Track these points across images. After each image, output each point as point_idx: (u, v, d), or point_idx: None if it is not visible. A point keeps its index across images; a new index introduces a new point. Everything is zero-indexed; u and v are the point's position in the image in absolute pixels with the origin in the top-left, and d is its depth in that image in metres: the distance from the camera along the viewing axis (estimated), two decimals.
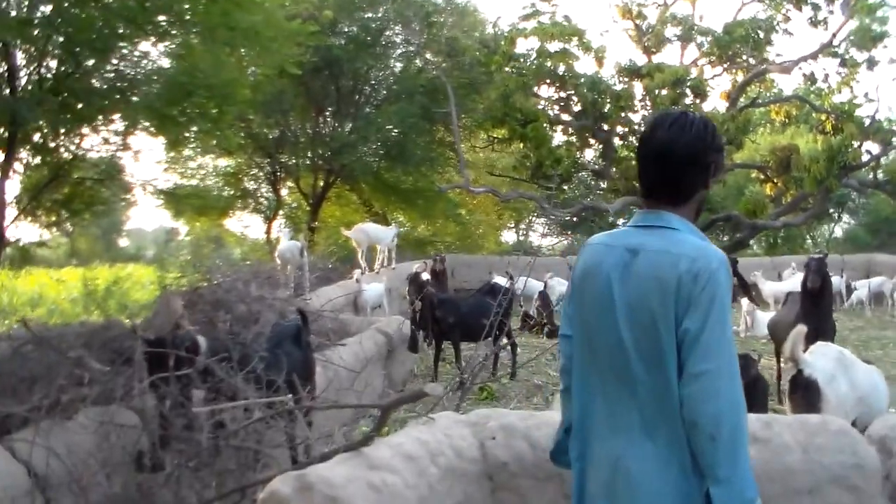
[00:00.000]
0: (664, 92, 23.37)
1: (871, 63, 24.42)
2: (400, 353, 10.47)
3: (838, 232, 37.42)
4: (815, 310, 8.25)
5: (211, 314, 7.65)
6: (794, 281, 14.68)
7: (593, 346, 2.35)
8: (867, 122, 24.80)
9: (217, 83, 11.01)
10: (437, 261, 16.54)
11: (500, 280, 16.48)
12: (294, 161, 23.17)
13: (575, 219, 29.95)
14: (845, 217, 36.76)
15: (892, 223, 32.44)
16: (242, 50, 12.47)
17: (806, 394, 5.47)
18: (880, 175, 25.14)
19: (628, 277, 2.26)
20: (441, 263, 16.25)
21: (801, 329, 5.80)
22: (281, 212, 25.68)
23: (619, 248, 2.32)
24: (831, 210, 32.18)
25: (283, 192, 25.62)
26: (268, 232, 25.06)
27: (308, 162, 23.03)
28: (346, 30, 22.29)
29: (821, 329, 7.68)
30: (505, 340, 10.78)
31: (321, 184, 23.50)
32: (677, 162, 2.29)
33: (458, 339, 10.77)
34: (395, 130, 22.27)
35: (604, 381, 2.34)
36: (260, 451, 4.77)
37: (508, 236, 37.89)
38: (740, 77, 25.87)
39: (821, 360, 5.75)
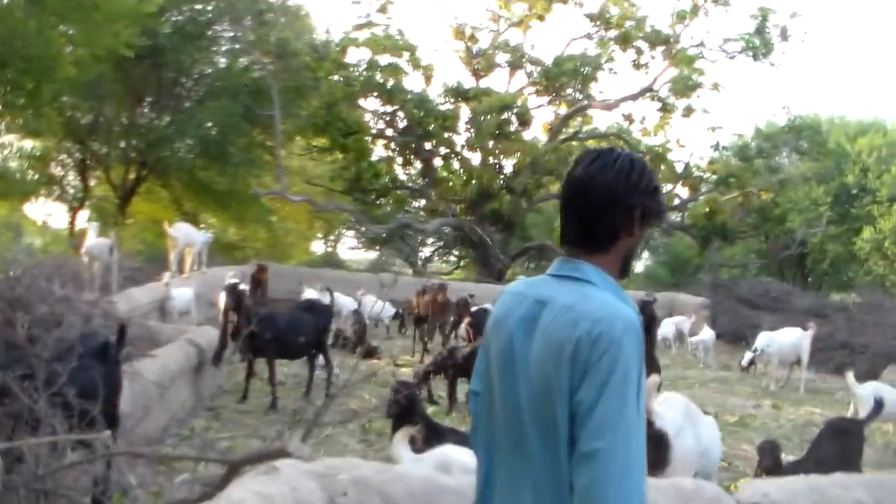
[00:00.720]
0: (489, 117, 26.41)
1: (689, 110, 28.93)
2: (209, 367, 10.57)
3: (639, 268, 42.64)
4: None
5: (8, 314, 7.13)
6: None
7: (495, 406, 2.28)
8: (679, 166, 29.40)
9: (37, 56, 11.39)
10: (259, 269, 17.37)
11: (311, 292, 17.24)
12: (106, 150, 23.88)
13: (384, 234, 32.65)
14: (645, 255, 41.74)
15: (689, 263, 37.66)
16: (70, 24, 12.91)
17: (656, 448, 5.49)
18: (686, 219, 29.82)
19: (532, 334, 2.17)
20: (263, 272, 17.12)
21: (655, 379, 6.03)
22: (88, 202, 26.17)
23: (530, 298, 2.23)
24: None
25: (92, 181, 26.13)
26: (72, 223, 25.58)
27: (121, 152, 23.75)
28: (174, 19, 23.28)
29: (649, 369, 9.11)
30: (323, 360, 11.57)
31: (132, 177, 24.30)
32: (593, 203, 2.20)
33: (273, 355, 10.81)
34: (215, 128, 23.24)
35: (503, 447, 2.26)
36: (71, 498, 4.50)
37: (317, 247, 39.61)
38: (563, 110, 29.74)
39: (670, 411, 6.06)
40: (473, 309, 15.25)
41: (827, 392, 15.87)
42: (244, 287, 13.64)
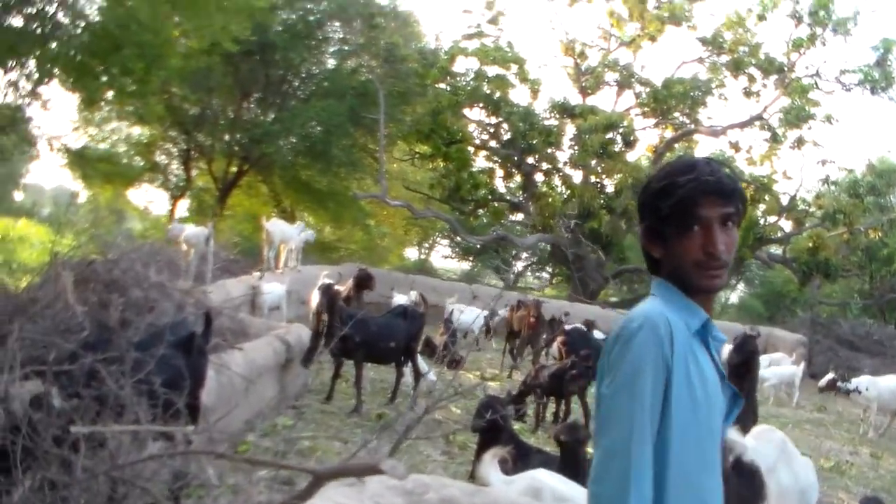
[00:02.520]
0: (594, 135, 25.95)
1: (800, 142, 28.20)
2: (296, 365, 10.54)
3: (733, 299, 41.80)
4: (740, 388, 9.12)
5: (104, 295, 7.30)
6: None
7: None
8: (785, 199, 28.68)
9: (150, 42, 10.84)
10: (366, 276, 15.44)
11: (401, 298, 17.66)
12: (210, 142, 24.40)
13: (479, 246, 32.73)
14: (741, 286, 40.95)
15: (784, 297, 36.68)
16: (182, 13, 13.07)
17: (749, 482, 5.44)
18: (788, 252, 29.06)
19: None
20: (370, 280, 15.57)
21: None
22: (189, 192, 26.77)
23: None
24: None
25: (194, 172, 26.62)
26: (172, 210, 26.06)
27: (224, 145, 24.23)
28: (285, 17, 23.61)
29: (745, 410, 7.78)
30: (411, 367, 11.49)
31: (234, 170, 24.70)
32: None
33: (361, 359, 10.83)
34: (319, 128, 23.41)
35: None
36: (147, 490, 4.44)
37: (411, 253, 39.99)
38: (669, 133, 29.34)
39: (765, 446, 5.89)
40: (568, 328, 14.85)
41: None
42: (338, 287, 13.67)
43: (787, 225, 29.57)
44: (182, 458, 4.72)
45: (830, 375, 16.38)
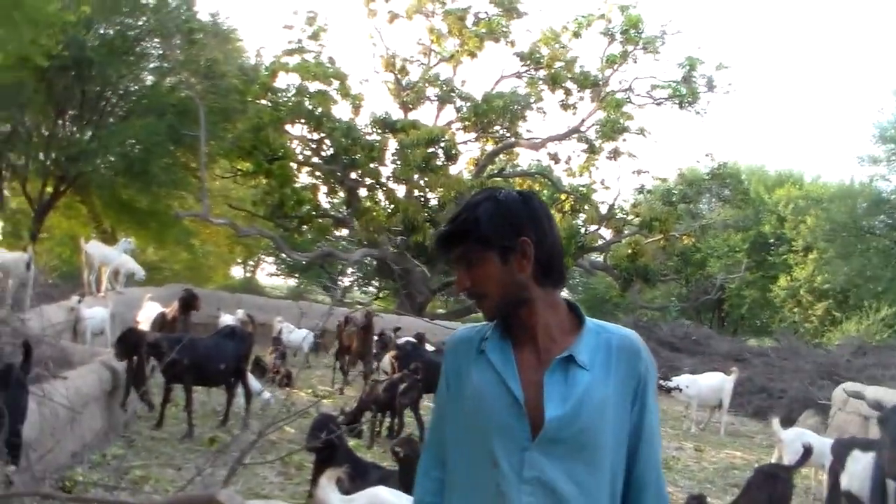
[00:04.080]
0: (417, 149, 26.63)
1: (616, 153, 29.69)
2: (122, 391, 10.29)
3: None
4: None
5: None
6: None
7: None
8: (604, 208, 30.14)
9: None
10: (192, 297, 14.89)
11: (228, 318, 17.65)
12: (24, 161, 23.76)
13: (304, 262, 32.77)
14: (564, 292, 42.60)
15: (606, 303, 38.55)
16: None
17: None
18: (609, 259, 30.54)
19: None
20: (195, 301, 15.01)
21: None
22: (1, 214, 25.60)
23: None
24: None
25: (6, 192, 25.64)
26: None
27: (39, 165, 23.58)
28: (102, 31, 23.29)
29: None
30: (241, 389, 11.56)
31: (50, 190, 23.95)
32: None
33: (191, 382, 10.81)
34: (138, 146, 23.19)
35: None
36: None
37: (236, 271, 39.82)
38: (490, 146, 30.34)
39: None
40: (400, 342, 15.20)
41: (747, 435, 16.45)
42: (164, 311, 14.13)
43: (606, 233, 31.02)
44: (3, 502, 4.48)
45: (663, 383, 17.46)
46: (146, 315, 14.37)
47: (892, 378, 18.74)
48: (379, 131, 28.71)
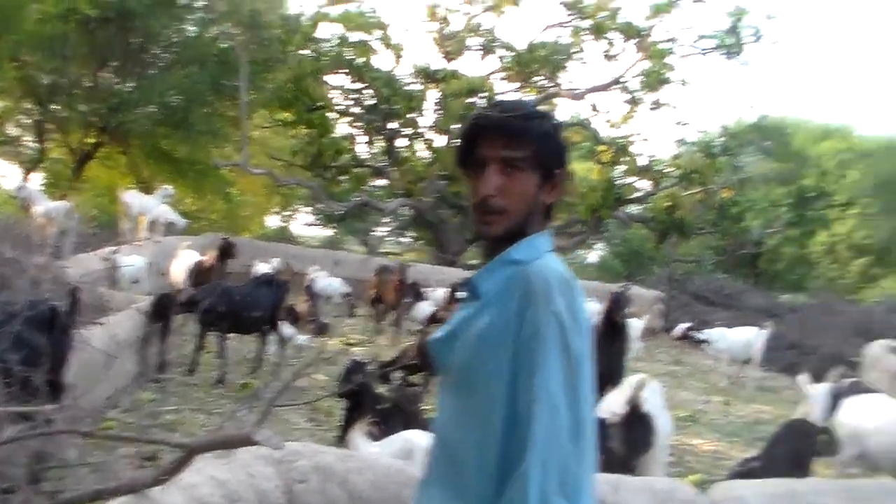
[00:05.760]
0: (457, 100, 26.86)
1: (657, 104, 29.79)
2: (157, 337, 10.64)
3: (593, 258, 43.84)
4: (610, 348, 8.85)
5: None
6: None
7: None
8: (644, 160, 30.29)
9: (0, 4, 11.18)
10: (226, 244, 15.34)
11: (264, 266, 17.92)
12: (67, 113, 23.89)
13: (341, 212, 33.19)
14: (600, 245, 42.86)
15: (641, 255, 38.83)
16: None
17: (645, 427, 6.20)
18: (646, 211, 30.76)
19: None
20: (232, 247, 15.50)
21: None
22: (42, 164, 26.21)
23: None
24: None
25: (48, 144, 26.00)
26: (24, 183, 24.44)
27: (81, 116, 23.71)
28: None
29: (615, 370, 8.47)
30: (275, 336, 11.74)
31: (91, 141, 24.34)
32: None
33: (226, 329, 11.04)
34: (179, 97, 23.38)
35: None
36: (5, 474, 4.31)
37: (272, 221, 40.02)
38: (531, 96, 30.49)
39: (651, 395, 6.51)
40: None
41: (775, 391, 16.71)
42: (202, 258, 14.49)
43: (645, 185, 31.16)
44: (42, 439, 4.54)
45: (684, 325, 17.94)
46: (183, 263, 14.62)
47: None
48: (420, 81, 28.83)
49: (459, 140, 2.24)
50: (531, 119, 2.16)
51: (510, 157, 2.12)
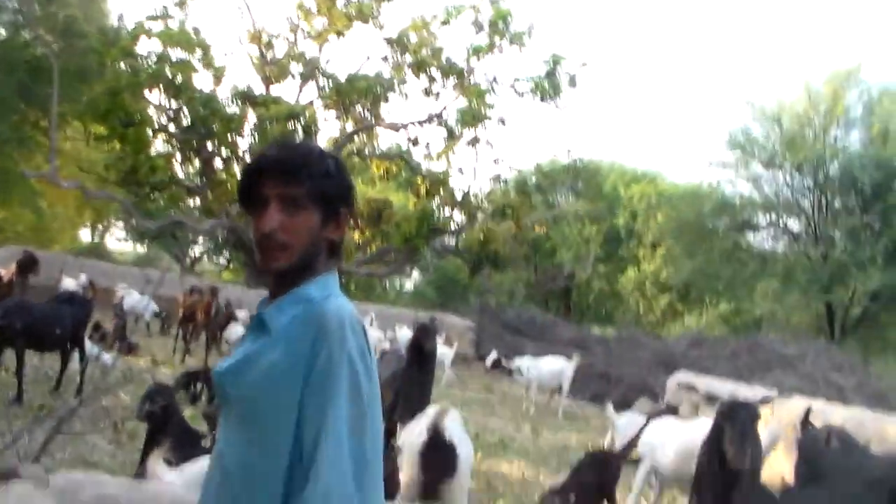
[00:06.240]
0: (275, 124, 26.89)
1: (475, 141, 30.61)
2: None
3: (409, 286, 44.68)
4: (417, 375, 9.12)
5: None
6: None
7: None
8: (459, 193, 31.07)
9: None
10: (27, 258, 14.97)
11: (70, 282, 18.00)
12: None
13: (154, 229, 32.59)
14: (415, 273, 43.66)
15: (455, 285, 39.82)
16: None
17: (446, 454, 6.17)
18: (460, 243, 31.53)
19: None
20: (34, 262, 15.07)
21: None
22: None
23: None
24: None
25: None
26: None
27: None
28: None
29: (421, 397, 8.69)
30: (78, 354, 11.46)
31: None
32: None
33: (22, 346, 10.58)
34: None
35: None
36: None
37: (84, 234, 39.29)
38: (350, 125, 30.99)
39: (452, 422, 6.48)
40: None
41: (583, 419, 17.43)
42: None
43: (460, 218, 31.92)
44: None
45: (494, 355, 18.64)
46: None
47: (722, 369, 20.25)
48: (239, 104, 28.88)
49: (241, 178, 2.28)
50: (310, 157, 2.22)
51: (289, 195, 2.17)
